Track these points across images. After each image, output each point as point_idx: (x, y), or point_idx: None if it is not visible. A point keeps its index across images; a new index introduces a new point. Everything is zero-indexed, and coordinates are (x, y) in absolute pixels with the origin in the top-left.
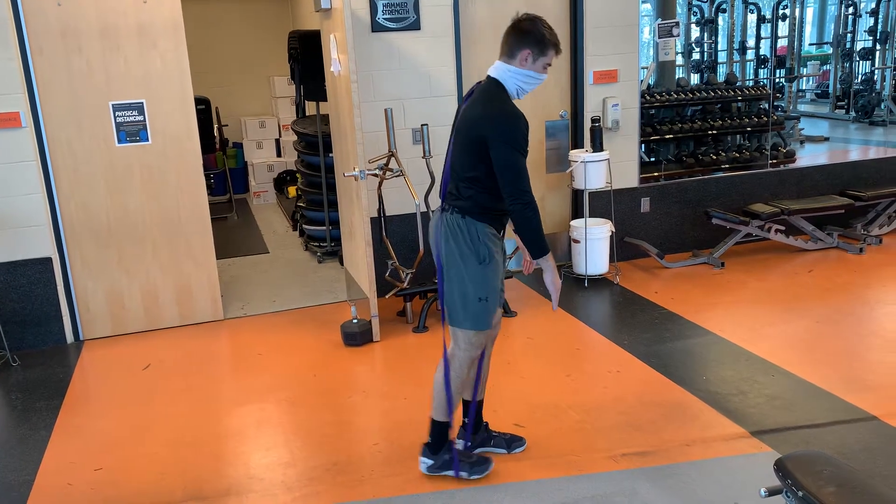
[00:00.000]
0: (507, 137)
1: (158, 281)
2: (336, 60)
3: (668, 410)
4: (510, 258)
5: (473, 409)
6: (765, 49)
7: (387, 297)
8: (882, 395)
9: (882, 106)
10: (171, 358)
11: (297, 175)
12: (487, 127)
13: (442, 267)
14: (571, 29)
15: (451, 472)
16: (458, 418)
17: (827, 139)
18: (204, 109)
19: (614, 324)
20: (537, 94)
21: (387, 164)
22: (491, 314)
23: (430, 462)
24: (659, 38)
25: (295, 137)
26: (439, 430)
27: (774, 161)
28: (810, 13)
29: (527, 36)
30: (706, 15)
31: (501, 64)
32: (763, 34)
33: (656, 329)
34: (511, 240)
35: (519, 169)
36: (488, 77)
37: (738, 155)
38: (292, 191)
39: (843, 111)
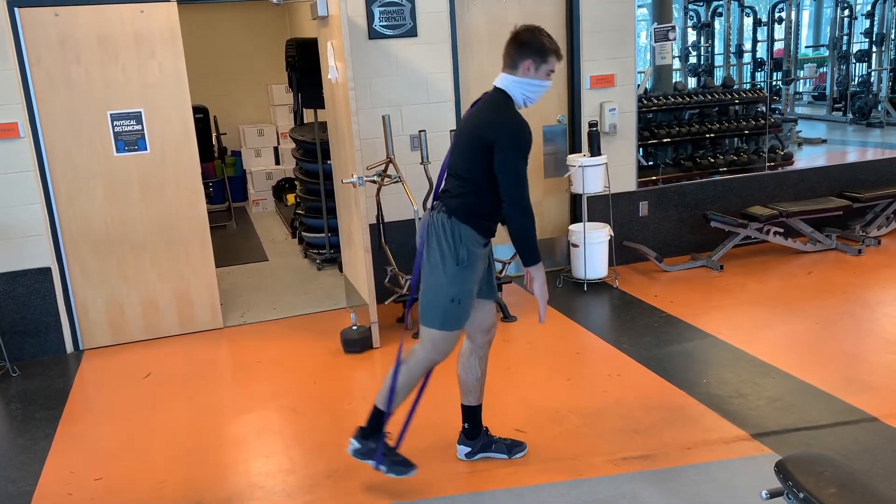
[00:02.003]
0: (513, 143)
1: (158, 289)
2: (333, 68)
3: (669, 414)
4: (509, 262)
5: (412, 413)
6: (761, 52)
7: (386, 303)
8: (882, 395)
9: (879, 107)
10: (171, 366)
11: (296, 182)
12: (495, 132)
13: (422, 263)
14: (568, 34)
15: (371, 462)
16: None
17: (824, 141)
18: (202, 118)
19: (614, 328)
20: None
21: (385, 171)
22: (462, 317)
23: (358, 446)
24: (655, 42)
25: (293, 145)
26: (375, 417)
27: (772, 163)
28: (806, 16)
29: (527, 46)
30: (702, 19)
31: (505, 76)
32: (759, 37)
33: (656, 332)
34: (508, 245)
35: (521, 175)
36: (494, 87)
37: (735, 158)
38: (291, 198)
39: (841, 113)
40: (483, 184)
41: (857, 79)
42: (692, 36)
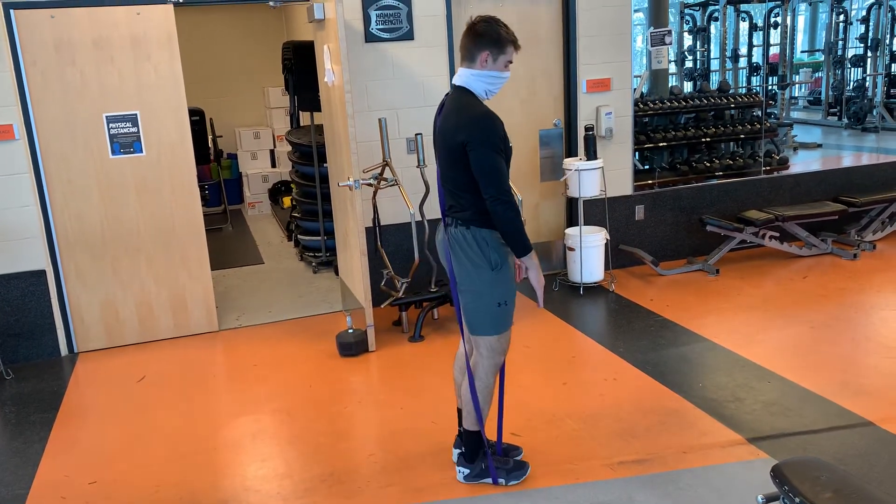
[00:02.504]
0: (482, 139)
1: (153, 292)
2: (330, 71)
3: (665, 418)
4: None
5: (501, 414)
6: (757, 57)
7: (382, 306)
8: (877, 400)
9: (874, 112)
10: (166, 370)
11: (292, 185)
12: (463, 133)
13: (455, 280)
14: (564, 38)
15: (488, 480)
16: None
17: (820, 146)
18: (198, 120)
19: (610, 331)
20: (531, 102)
21: (381, 174)
22: (511, 315)
23: (468, 471)
24: (651, 46)
25: (289, 148)
26: (473, 440)
27: (768, 168)
28: (802, 21)
29: (483, 38)
30: (698, 23)
31: (464, 70)
32: (755, 42)
33: (652, 336)
34: None
35: (497, 169)
36: (454, 86)
37: (731, 162)
38: (287, 201)
39: (836, 118)
40: (477, 187)
41: (852, 83)
42: (688, 40)
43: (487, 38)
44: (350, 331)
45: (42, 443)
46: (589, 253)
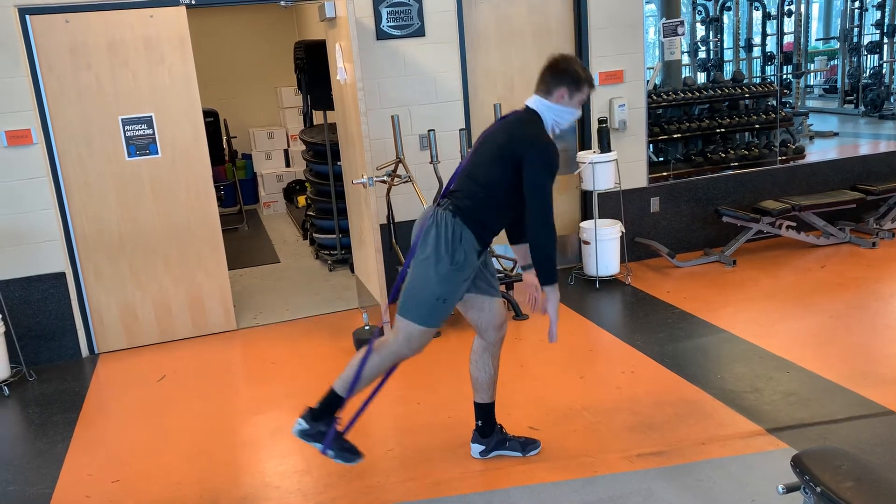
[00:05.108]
0: (544, 161)
1: (171, 293)
2: (342, 69)
3: (683, 409)
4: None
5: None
6: (771, 46)
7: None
8: None
9: (891, 99)
10: (185, 369)
11: (307, 184)
12: (526, 147)
13: (414, 255)
14: (576, 30)
15: (319, 446)
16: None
17: (836, 134)
18: (212, 121)
19: (627, 324)
20: None
21: (395, 171)
22: (443, 316)
23: (306, 427)
24: (664, 37)
25: (303, 147)
26: (331, 401)
27: (784, 157)
28: (816, 8)
29: (563, 75)
30: (711, 13)
31: (539, 99)
32: (769, 31)
33: (669, 328)
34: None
35: (548, 193)
36: (526, 107)
37: (747, 152)
38: (302, 200)
39: (852, 106)
40: (497, 194)
41: (868, 71)
42: (701, 31)
43: (567, 76)
44: (366, 327)
45: (65, 442)
46: (604, 246)
